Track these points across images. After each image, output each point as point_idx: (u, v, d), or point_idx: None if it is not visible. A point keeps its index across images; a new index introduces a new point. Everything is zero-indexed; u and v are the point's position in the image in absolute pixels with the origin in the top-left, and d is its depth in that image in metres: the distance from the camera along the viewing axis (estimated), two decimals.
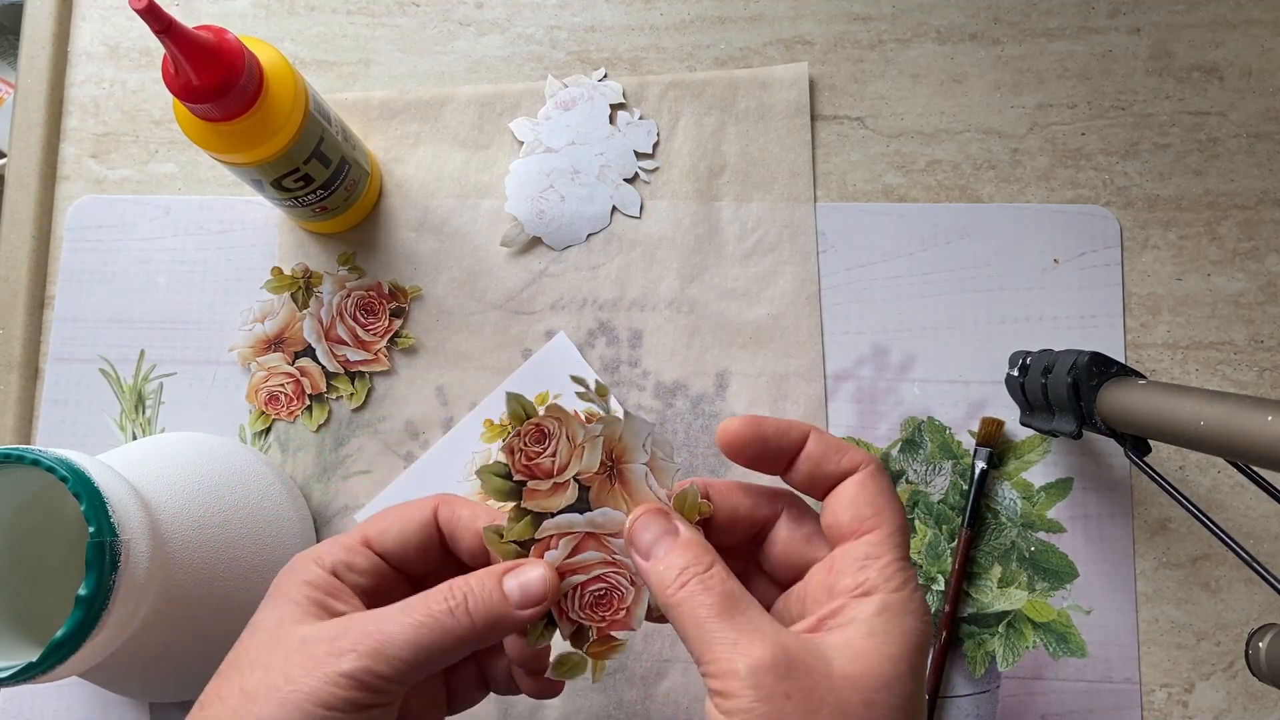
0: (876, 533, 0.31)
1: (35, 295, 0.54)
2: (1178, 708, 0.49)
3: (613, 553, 0.34)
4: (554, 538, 0.34)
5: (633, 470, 0.34)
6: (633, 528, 0.33)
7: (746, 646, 0.28)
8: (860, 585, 0.30)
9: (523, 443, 0.34)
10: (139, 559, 0.37)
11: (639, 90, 0.56)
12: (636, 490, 0.34)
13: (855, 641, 0.29)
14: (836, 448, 0.33)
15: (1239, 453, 0.34)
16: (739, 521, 0.35)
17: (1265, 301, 0.53)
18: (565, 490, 0.34)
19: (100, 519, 0.35)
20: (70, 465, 0.36)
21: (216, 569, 0.42)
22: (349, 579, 0.34)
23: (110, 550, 0.35)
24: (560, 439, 0.34)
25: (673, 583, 0.30)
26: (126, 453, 0.45)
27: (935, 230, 0.54)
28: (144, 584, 0.37)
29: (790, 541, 0.34)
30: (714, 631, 0.29)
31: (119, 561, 0.36)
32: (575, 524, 0.34)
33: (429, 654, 0.31)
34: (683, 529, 0.32)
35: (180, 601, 0.40)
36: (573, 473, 0.34)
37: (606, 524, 0.34)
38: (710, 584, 0.30)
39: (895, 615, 0.30)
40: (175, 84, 0.40)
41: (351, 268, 0.54)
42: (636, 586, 0.34)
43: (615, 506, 0.34)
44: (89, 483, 0.36)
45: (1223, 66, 0.55)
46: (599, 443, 0.34)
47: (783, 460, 0.34)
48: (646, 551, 0.32)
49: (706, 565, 0.31)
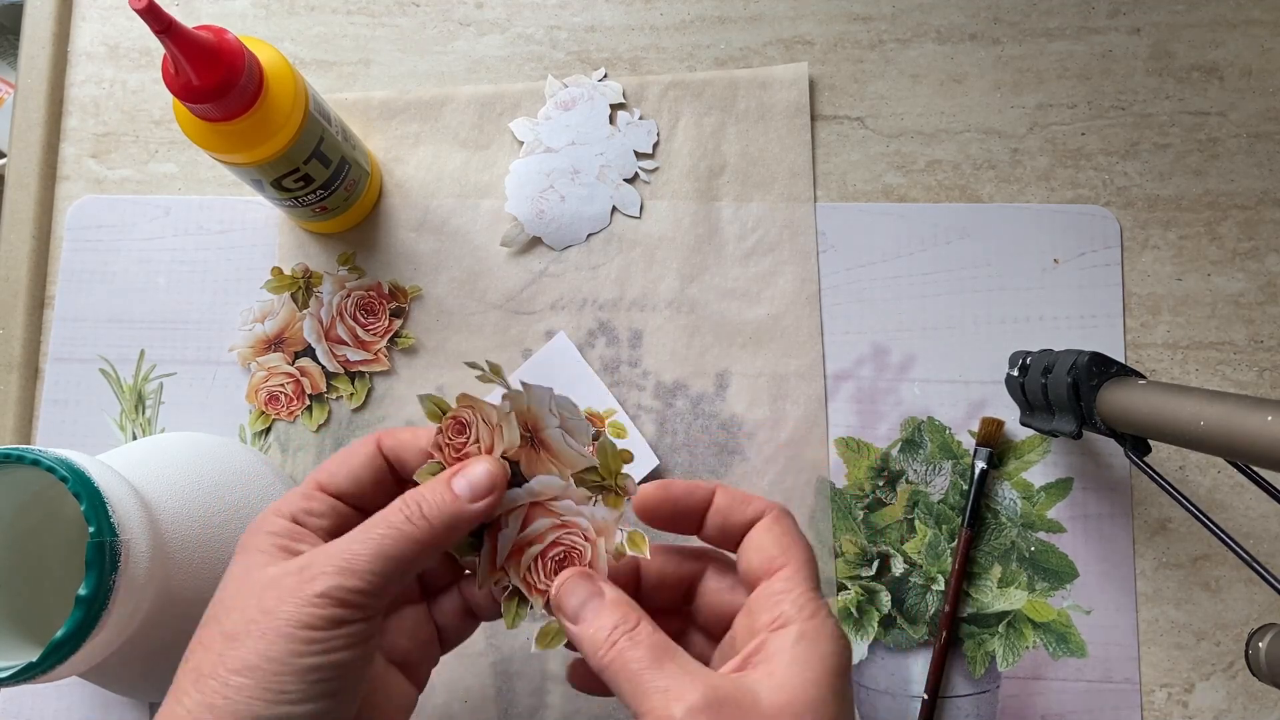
0: (786, 569, 0.33)
1: (35, 295, 0.54)
2: (1178, 708, 0.49)
3: (560, 515, 0.35)
4: (502, 517, 0.35)
5: (549, 435, 0.35)
6: (559, 593, 0.34)
7: (679, 692, 0.29)
8: (776, 619, 0.32)
9: (446, 438, 0.35)
10: (139, 559, 0.37)
11: (639, 90, 0.56)
12: (560, 453, 0.35)
13: (778, 672, 0.30)
14: (741, 499, 0.35)
15: (1239, 453, 0.34)
16: (667, 581, 0.37)
17: (1265, 301, 0.53)
18: None
19: (100, 519, 0.35)
20: (70, 465, 0.36)
21: (216, 569, 0.42)
22: (310, 523, 0.35)
23: (110, 550, 0.35)
24: (478, 424, 0.35)
25: (604, 643, 0.32)
26: (126, 453, 0.45)
27: (935, 230, 0.54)
28: (144, 584, 0.37)
29: (716, 593, 0.36)
30: (648, 682, 0.30)
31: (119, 561, 0.36)
32: (518, 498, 0.35)
33: (395, 562, 0.32)
34: (607, 591, 0.33)
35: (180, 601, 0.40)
36: (499, 452, 0.35)
37: (544, 490, 0.35)
38: (638, 638, 0.32)
39: (811, 642, 0.31)
40: (175, 84, 0.40)
41: (351, 268, 0.54)
42: (591, 541, 0.35)
43: (546, 472, 0.35)
44: (89, 483, 0.36)
45: (1223, 66, 0.55)
46: (511, 418, 0.35)
47: (694, 518, 0.36)
48: (575, 616, 0.33)
49: (634, 622, 0.32)
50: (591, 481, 0.36)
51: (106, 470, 0.38)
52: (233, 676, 0.30)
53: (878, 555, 0.51)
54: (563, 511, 0.35)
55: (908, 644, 0.50)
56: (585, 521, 0.35)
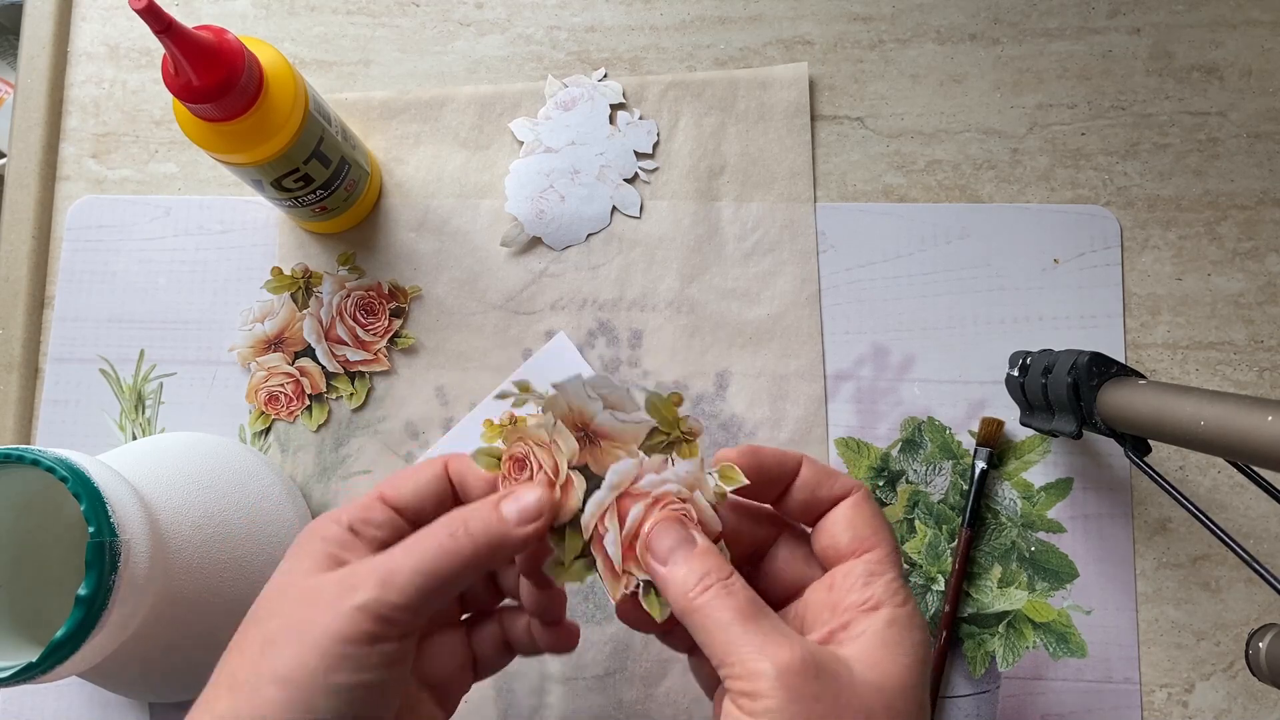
0: (877, 551, 0.33)
1: (35, 295, 0.54)
2: (1178, 708, 0.49)
3: (648, 494, 0.34)
4: (599, 525, 0.34)
5: (600, 422, 0.34)
6: (650, 533, 0.33)
7: (774, 650, 0.29)
8: (867, 600, 0.32)
9: (511, 481, 0.34)
10: (139, 559, 0.37)
11: (639, 90, 0.56)
12: (618, 433, 0.34)
13: (871, 652, 0.30)
14: (828, 474, 0.35)
15: (1239, 453, 0.34)
16: (740, 539, 0.36)
17: (1265, 301, 0.53)
18: (571, 486, 0.34)
19: (100, 519, 0.35)
20: (70, 465, 0.36)
21: (216, 569, 0.42)
22: (366, 533, 0.34)
23: (110, 550, 0.35)
24: (532, 452, 0.34)
25: (694, 586, 0.31)
26: (126, 453, 0.45)
27: (935, 230, 0.54)
28: (144, 584, 0.37)
29: (789, 562, 0.36)
30: (739, 635, 0.30)
31: (119, 561, 0.36)
32: (603, 501, 0.34)
33: (436, 579, 0.31)
34: (699, 539, 0.32)
35: (180, 601, 0.40)
36: (565, 469, 0.34)
37: (623, 479, 0.34)
38: (733, 589, 0.31)
39: (903, 628, 0.31)
40: (175, 84, 0.40)
41: (351, 268, 0.54)
42: (688, 499, 0.34)
43: (615, 460, 0.34)
44: (89, 483, 0.36)
45: (1223, 67, 0.55)
46: (561, 427, 0.34)
47: (777, 488, 0.35)
48: (664, 557, 0.32)
49: (728, 573, 0.31)
50: (659, 442, 0.35)
51: (106, 470, 0.38)
52: (266, 686, 0.29)
53: None
54: (649, 488, 0.34)
55: None
56: (673, 485, 0.34)
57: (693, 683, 0.50)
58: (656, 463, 0.34)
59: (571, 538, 0.34)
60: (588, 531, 0.34)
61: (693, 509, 0.34)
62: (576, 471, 0.34)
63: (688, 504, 0.34)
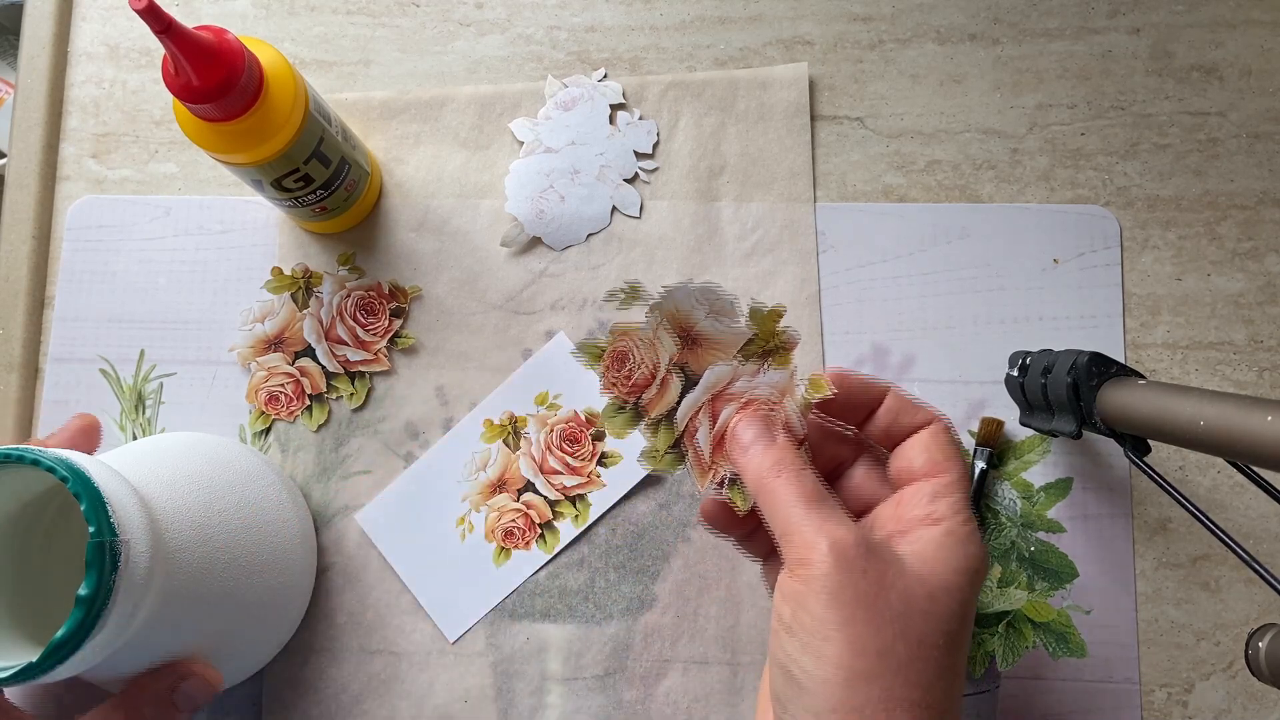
0: (946, 475, 0.34)
1: (35, 295, 0.54)
2: (1177, 708, 0.49)
3: (741, 396, 0.37)
4: (691, 422, 0.37)
5: (703, 327, 0.37)
6: (735, 426, 0.36)
7: (832, 529, 0.32)
8: (930, 514, 0.33)
9: (612, 375, 0.38)
10: (139, 559, 0.37)
11: (639, 90, 0.56)
12: (718, 339, 0.37)
13: (925, 551, 0.32)
14: (911, 405, 0.36)
15: (1239, 453, 0.34)
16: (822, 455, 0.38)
17: (1265, 301, 0.53)
18: (670, 382, 0.37)
19: (100, 519, 0.35)
20: (70, 465, 0.36)
21: (216, 569, 0.42)
22: None
23: (110, 550, 0.35)
24: (635, 349, 0.38)
25: (768, 470, 0.34)
26: (126, 453, 0.45)
27: (935, 230, 0.54)
28: (144, 584, 0.37)
29: (865, 480, 0.38)
30: (802, 513, 0.32)
31: (119, 561, 0.36)
32: (698, 400, 0.37)
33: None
34: (780, 437, 0.35)
35: (180, 601, 0.40)
36: (665, 366, 0.37)
37: (718, 381, 0.37)
38: (805, 477, 0.34)
39: (960, 541, 0.33)
40: (175, 84, 0.40)
41: (351, 268, 0.54)
42: (778, 404, 0.37)
43: (712, 363, 0.37)
44: (89, 483, 0.36)
45: (1222, 67, 0.55)
46: (663, 328, 0.37)
47: (863, 413, 0.37)
48: (746, 446, 0.35)
49: (801, 465, 0.34)
50: (755, 350, 0.37)
51: (106, 470, 0.38)
52: None
53: None
54: (743, 391, 0.37)
55: None
56: (765, 390, 0.37)
57: (693, 683, 0.50)
58: (751, 369, 0.37)
59: (665, 431, 0.38)
60: (681, 426, 0.37)
61: (781, 414, 0.37)
62: (675, 370, 0.37)
63: (777, 409, 0.37)
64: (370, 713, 0.50)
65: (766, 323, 0.37)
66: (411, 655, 0.50)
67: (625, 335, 0.37)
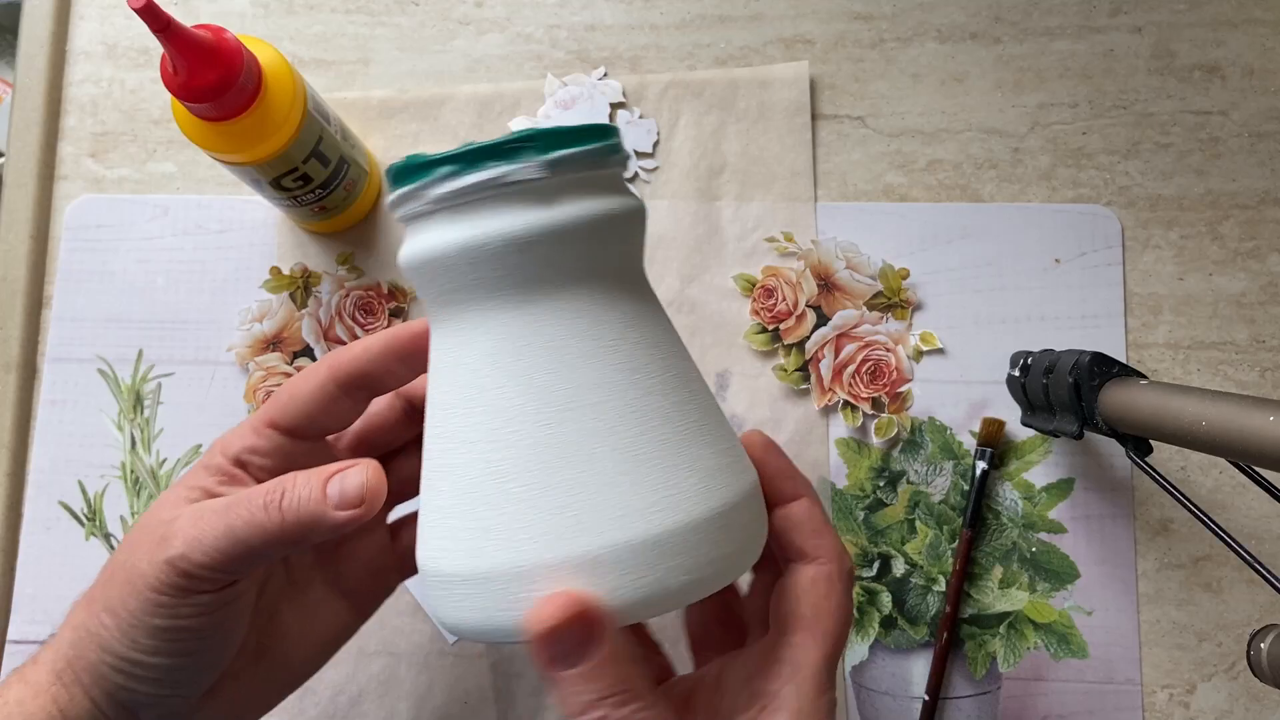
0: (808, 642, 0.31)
1: (33, 295, 0.54)
2: (1179, 709, 0.49)
3: (863, 339, 0.49)
4: (819, 351, 0.49)
5: (840, 277, 0.49)
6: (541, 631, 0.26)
7: None
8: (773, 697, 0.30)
9: (759, 303, 0.50)
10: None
11: (639, 89, 0.55)
12: (851, 288, 0.49)
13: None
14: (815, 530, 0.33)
15: (1241, 453, 0.34)
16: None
17: (1267, 301, 0.53)
18: (805, 318, 0.50)
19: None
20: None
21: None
22: (253, 464, 0.34)
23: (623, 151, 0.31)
24: (781, 287, 0.50)
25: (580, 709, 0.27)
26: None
27: (936, 230, 0.54)
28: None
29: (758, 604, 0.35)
30: None
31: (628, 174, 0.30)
32: (826, 335, 0.49)
33: (243, 548, 0.30)
34: (611, 643, 0.27)
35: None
36: (804, 303, 0.49)
37: (845, 323, 0.50)
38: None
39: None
40: (174, 83, 0.40)
41: (350, 267, 0.54)
42: (892, 350, 0.49)
43: (843, 308, 0.50)
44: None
45: (1224, 66, 0.55)
46: (807, 273, 0.50)
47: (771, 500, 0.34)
48: (554, 659, 0.27)
49: (623, 699, 0.27)
50: (880, 303, 0.49)
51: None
52: (101, 613, 0.31)
53: (879, 556, 0.51)
54: (864, 335, 0.48)
55: (909, 645, 0.50)
56: (883, 337, 0.48)
57: None
58: (874, 317, 0.49)
59: (796, 355, 0.50)
60: (810, 354, 0.49)
61: (893, 358, 0.48)
62: (811, 309, 0.50)
63: (890, 352, 0.47)
64: (369, 714, 0.50)
65: (894, 280, 0.49)
66: (411, 656, 0.50)
67: (775, 273, 0.49)
